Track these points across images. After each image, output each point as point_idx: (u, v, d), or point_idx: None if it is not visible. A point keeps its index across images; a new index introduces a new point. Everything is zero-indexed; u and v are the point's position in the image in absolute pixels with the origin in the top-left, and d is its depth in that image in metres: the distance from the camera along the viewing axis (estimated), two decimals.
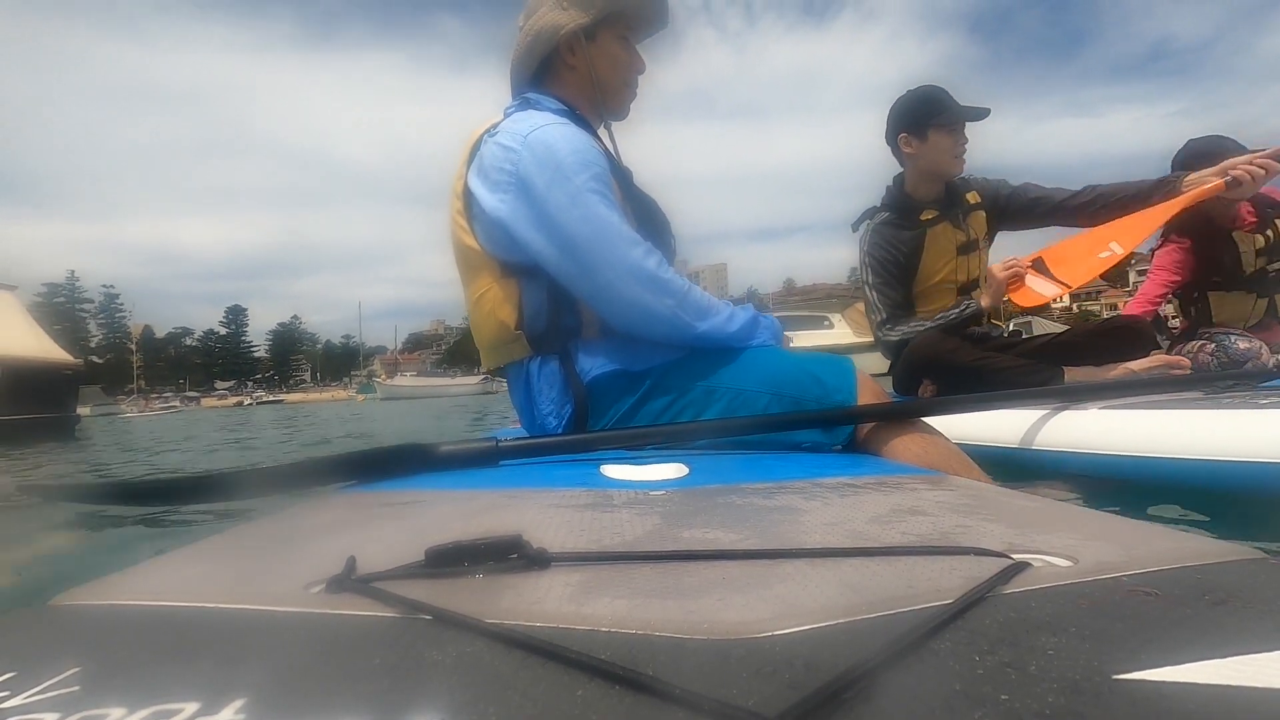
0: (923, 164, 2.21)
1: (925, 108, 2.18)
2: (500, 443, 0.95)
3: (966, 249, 2.25)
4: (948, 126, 2.15)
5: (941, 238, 2.23)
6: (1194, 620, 0.31)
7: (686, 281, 1.17)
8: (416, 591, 0.37)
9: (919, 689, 0.26)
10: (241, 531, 0.61)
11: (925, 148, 2.18)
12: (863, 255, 2.30)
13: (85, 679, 0.29)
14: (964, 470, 1.09)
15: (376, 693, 0.27)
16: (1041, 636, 0.30)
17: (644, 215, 1.27)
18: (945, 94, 2.18)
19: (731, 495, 0.68)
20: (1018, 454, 1.61)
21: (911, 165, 2.25)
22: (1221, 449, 1.20)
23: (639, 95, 1.39)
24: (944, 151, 2.17)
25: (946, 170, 2.20)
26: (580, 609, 0.35)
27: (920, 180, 2.25)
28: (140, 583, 0.44)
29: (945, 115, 2.14)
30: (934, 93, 2.19)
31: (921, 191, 2.26)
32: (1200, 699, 0.25)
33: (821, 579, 0.39)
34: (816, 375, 1.14)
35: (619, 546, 0.48)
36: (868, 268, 2.27)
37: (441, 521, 0.62)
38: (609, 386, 1.21)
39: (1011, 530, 0.50)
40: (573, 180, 1.12)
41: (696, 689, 0.25)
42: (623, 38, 1.34)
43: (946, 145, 2.16)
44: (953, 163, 2.18)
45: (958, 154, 2.17)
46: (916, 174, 2.25)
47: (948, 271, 2.26)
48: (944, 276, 2.26)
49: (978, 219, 2.28)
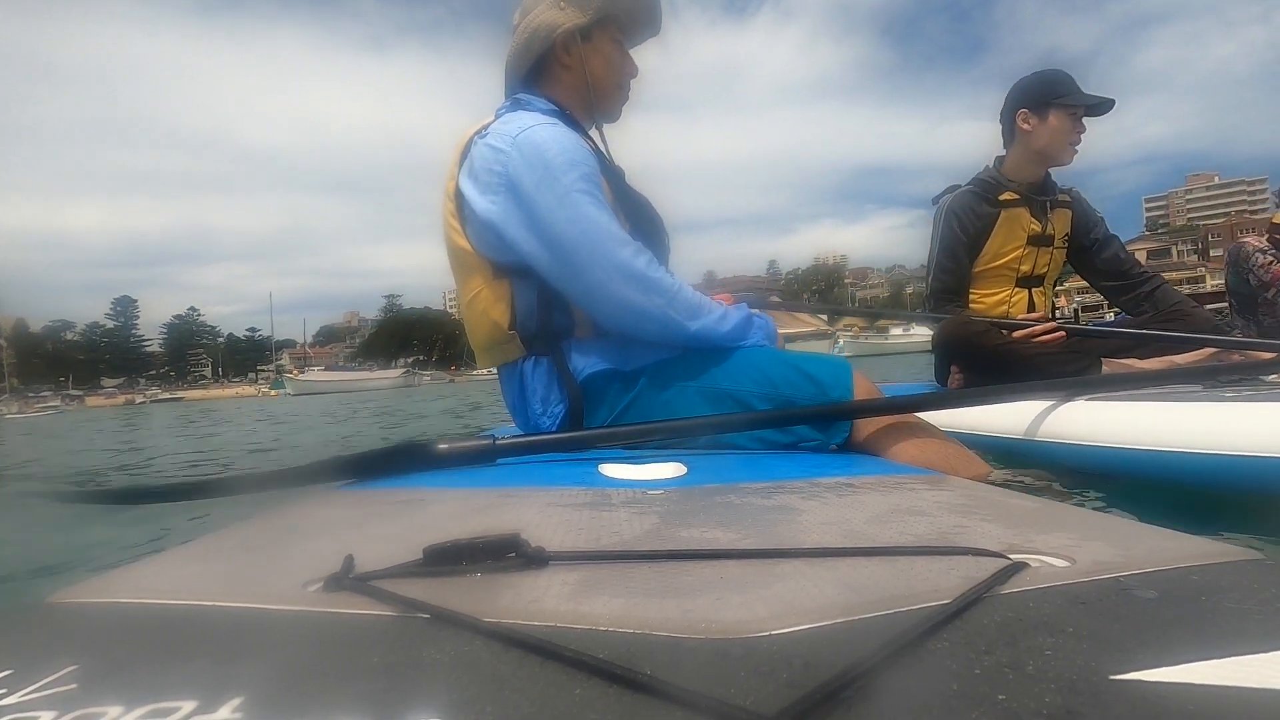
0: (1035, 143, 2.13)
1: (1052, 87, 2.10)
2: (498, 441, 0.95)
3: (1039, 241, 2.18)
4: (1070, 109, 2.08)
5: (1016, 221, 2.16)
6: (1191, 621, 0.32)
7: (677, 281, 1.17)
8: (414, 590, 0.37)
9: (917, 689, 0.26)
10: (239, 530, 0.61)
11: (1043, 127, 2.10)
12: (935, 225, 2.24)
13: (82, 677, 0.29)
14: (964, 465, 1.09)
15: (374, 691, 0.27)
16: (1039, 637, 0.30)
17: (636, 215, 1.27)
18: (1072, 79, 2.12)
19: (730, 495, 0.68)
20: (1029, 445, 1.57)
21: (1022, 143, 2.17)
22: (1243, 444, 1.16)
23: (630, 99, 1.40)
24: (1060, 134, 2.09)
25: (1057, 155, 2.13)
26: (578, 608, 0.35)
27: (1025, 161, 2.18)
28: (138, 580, 0.44)
29: (1071, 97, 2.08)
30: (1061, 75, 2.12)
31: (1021, 173, 2.19)
32: (1197, 699, 0.25)
33: (819, 579, 0.39)
34: (812, 375, 1.14)
35: (617, 545, 0.49)
36: (936, 235, 2.22)
37: (439, 520, 0.62)
38: (602, 386, 1.21)
39: (1009, 530, 0.50)
40: (561, 180, 1.12)
41: (694, 688, 0.25)
42: (617, 40, 1.35)
43: (1065, 129, 2.09)
44: (1065, 149, 2.12)
45: (1073, 141, 2.11)
46: (1024, 153, 2.17)
47: (1012, 258, 2.19)
48: (1007, 262, 2.19)
49: (1061, 216, 2.21)
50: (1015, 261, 2.19)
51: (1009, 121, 2.19)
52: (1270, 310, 2.63)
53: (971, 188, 2.21)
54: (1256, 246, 2.64)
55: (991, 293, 2.23)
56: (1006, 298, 2.23)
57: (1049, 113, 2.09)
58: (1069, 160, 2.14)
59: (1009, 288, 2.22)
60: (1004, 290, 2.22)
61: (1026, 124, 2.13)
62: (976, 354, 2.01)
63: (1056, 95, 2.08)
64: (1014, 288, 2.22)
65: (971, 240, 2.18)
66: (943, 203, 2.26)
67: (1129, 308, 2.25)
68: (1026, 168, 2.18)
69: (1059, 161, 2.16)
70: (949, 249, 2.19)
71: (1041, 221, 2.18)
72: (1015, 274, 2.21)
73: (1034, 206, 2.18)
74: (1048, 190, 2.20)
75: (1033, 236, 2.18)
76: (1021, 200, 2.17)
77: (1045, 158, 2.15)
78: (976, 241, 2.18)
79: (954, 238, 2.18)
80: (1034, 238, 2.18)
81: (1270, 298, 2.61)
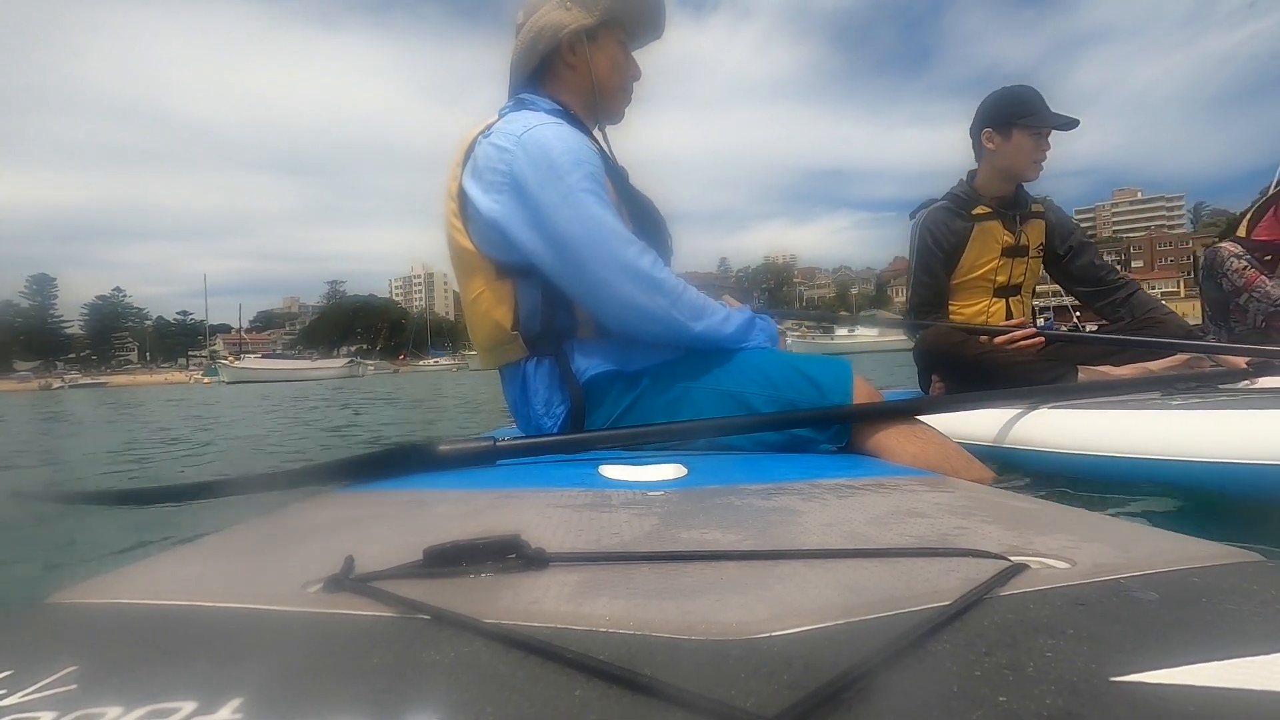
0: (1000, 162, 2.19)
1: (1015, 106, 2.15)
2: (498, 442, 0.95)
3: (1013, 252, 2.24)
4: (1033, 129, 2.13)
5: (989, 234, 2.22)
6: (1191, 622, 0.32)
7: (681, 281, 1.17)
8: (414, 591, 0.37)
9: (917, 690, 0.26)
10: (240, 531, 0.61)
11: (1007, 146, 2.16)
12: (912, 240, 2.29)
13: (82, 677, 0.29)
14: (964, 468, 1.09)
15: (374, 692, 0.27)
16: (1039, 638, 0.30)
17: (640, 215, 1.27)
18: (1038, 97, 2.16)
19: (730, 496, 0.68)
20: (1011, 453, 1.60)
21: (989, 161, 2.23)
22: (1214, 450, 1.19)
23: (633, 100, 1.41)
24: (1024, 153, 2.15)
25: (1022, 173, 2.19)
26: (578, 609, 0.35)
27: (992, 177, 2.23)
28: (138, 581, 0.44)
29: (1033, 118, 2.12)
30: (1027, 94, 2.17)
31: (990, 188, 2.24)
32: (1197, 701, 0.25)
33: (819, 580, 0.39)
34: (812, 377, 1.14)
35: (617, 547, 0.48)
36: (914, 250, 2.27)
37: (439, 521, 0.62)
38: (604, 387, 1.21)
39: (1009, 532, 0.50)
40: (566, 180, 1.12)
41: (694, 689, 0.25)
42: (621, 42, 1.35)
43: (1028, 148, 2.14)
44: (1030, 167, 2.17)
45: (1037, 159, 2.16)
46: (991, 170, 2.23)
47: (988, 269, 2.24)
48: (983, 274, 2.24)
49: (1035, 227, 2.27)
50: (991, 273, 2.25)
51: (976, 139, 2.24)
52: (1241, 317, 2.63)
53: (945, 203, 2.27)
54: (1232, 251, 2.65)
55: (970, 304, 2.27)
56: (985, 308, 2.28)
57: (1013, 132, 2.14)
58: (1034, 177, 2.19)
59: (987, 298, 2.27)
60: (982, 301, 2.27)
61: (990, 143, 2.18)
62: (955, 363, 2.06)
63: (1019, 115, 2.13)
64: (991, 298, 2.27)
65: (947, 254, 2.23)
66: (919, 218, 2.31)
67: (1105, 313, 2.30)
68: (995, 183, 2.24)
69: (1024, 178, 2.21)
70: (925, 264, 2.24)
71: (1014, 233, 2.23)
72: (992, 285, 2.27)
73: (1006, 219, 2.23)
74: (1020, 203, 2.25)
75: (1007, 248, 2.23)
76: (994, 214, 2.22)
77: (1011, 174, 2.20)
78: (952, 256, 2.23)
79: (929, 253, 2.23)
80: (1008, 249, 2.24)
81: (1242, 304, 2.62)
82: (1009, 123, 2.14)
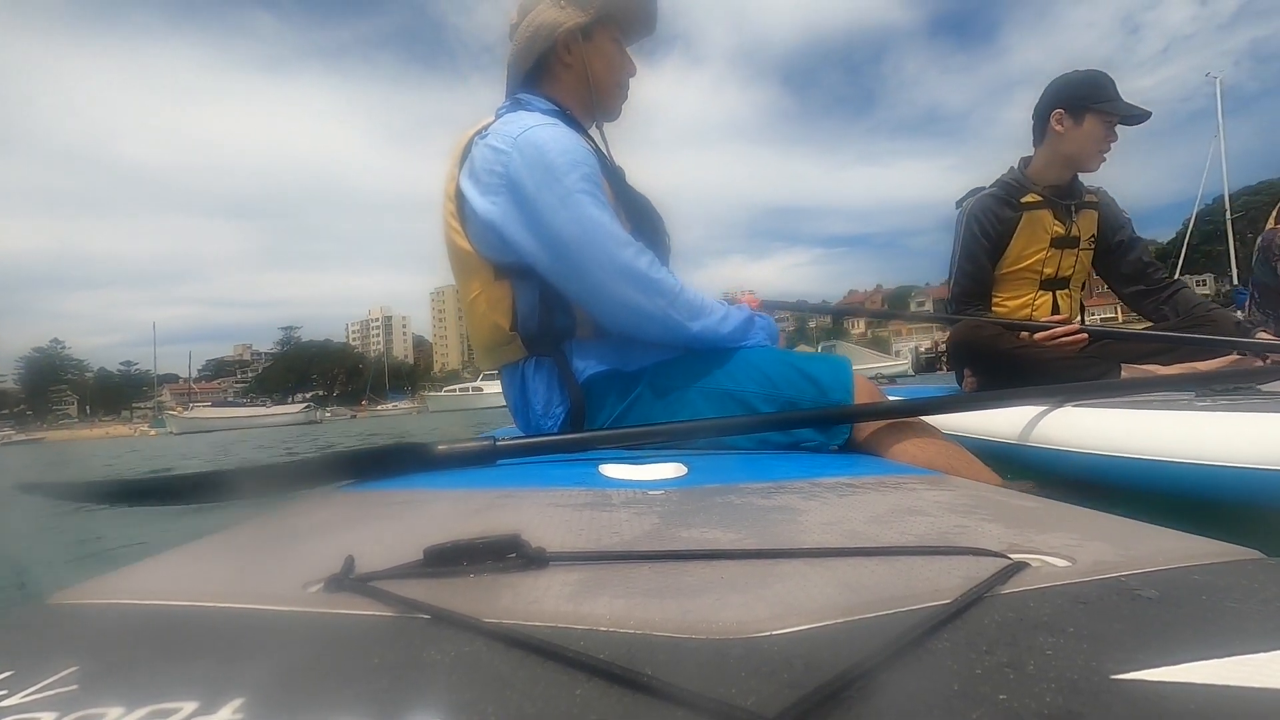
0: (1065, 147, 2.07)
1: (1091, 90, 2.03)
2: (498, 442, 0.95)
3: (1063, 243, 2.13)
4: (1106, 116, 2.01)
5: (1038, 224, 2.12)
6: (1192, 620, 0.32)
7: (679, 282, 1.17)
8: (415, 591, 0.37)
9: (917, 689, 0.26)
10: (240, 531, 0.61)
11: (1076, 131, 2.04)
12: (957, 228, 2.21)
13: (83, 678, 0.29)
14: (965, 468, 1.09)
15: (375, 692, 0.27)
16: (1040, 636, 0.30)
17: (637, 215, 1.27)
18: (1114, 85, 2.05)
19: (730, 495, 0.68)
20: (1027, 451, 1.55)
21: (1051, 145, 2.10)
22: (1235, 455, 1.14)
23: (629, 98, 1.41)
24: (1093, 141, 2.03)
25: (1085, 162, 2.08)
26: (579, 608, 0.35)
27: (1052, 163, 2.12)
28: (138, 581, 0.44)
29: (1110, 104, 2.02)
30: (1103, 79, 2.05)
31: (1045, 176, 2.14)
32: (1198, 699, 0.25)
33: (820, 579, 0.39)
34: (812, 375, 1.14)
35: (617, 546, 0.48)
36: (958, 239, 2.19)
37: (439, 521, 0.62)
38: (604, 387, 1.21)
39: (1010, 530, 0.50)
40: (562, 181, 1.11)
41: (695, 688, 0.25)
42: (616, 40, 1.35)
43: (1097, 135, 2.02)
44: (1095, 156, 2.06)
45: (1104, 149, 2.05)
46: (1052, 156, 2.11)
47: (1035, 260, 2.14)
48: (1030, 264, 2.15)
49: (1087, 218, 2.16)
50: (1038, 264, 2.16)
51: (1042, 120, 2.12)
52: None
53: (994, 190, 2.18)
54: None
55: (1014, 296, 2.19)
56: (1030, 301, 2.19)
57: (1085, 116, 2.03)
58: (1096, 168, 2.10)
59: (1033, 291, 2.18)
60: (1027, 293, 2.18)
61: (1060, 125, 2.07)
62: (989, 358, 1.98)
63: (1095, 100, 2.02)
64: (1038, 291, 2.18)
65: (993, 244, 2.15)
66: (965, 206, 2.23)
67: (1150, 313, 2.20)
68: (1052, 170, 2.13)
69: (1085, 168, 2.11)
70: (970, 253, 2.16)
71: (1066, 223, 2.14)
72: (1039, 277, 2.17)
73: (1058, 208, 2.13)
74: (1074, 193, 2.15)
75: (1056, 239, 2.14)
76: (1045, 202, 2.12)
77: (1073, 162, 2.10)
78: (998, 245, 2.15)
79: (975, 241, 2.15)
80: (1058, 240, 2.14)
81: None
82: (1083, 106, 2.03)
